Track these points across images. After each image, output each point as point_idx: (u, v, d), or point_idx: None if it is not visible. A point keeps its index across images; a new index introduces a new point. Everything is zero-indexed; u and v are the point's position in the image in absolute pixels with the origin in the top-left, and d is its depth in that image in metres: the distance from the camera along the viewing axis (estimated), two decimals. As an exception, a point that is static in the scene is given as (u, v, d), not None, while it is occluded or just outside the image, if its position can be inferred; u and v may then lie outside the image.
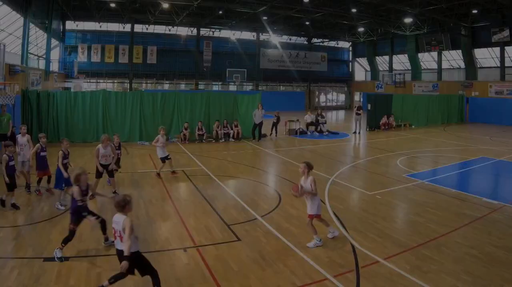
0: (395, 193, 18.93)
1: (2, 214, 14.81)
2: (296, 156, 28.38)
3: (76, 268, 10.81)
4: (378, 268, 11.05)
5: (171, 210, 16.11)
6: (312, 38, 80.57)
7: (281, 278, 10.50)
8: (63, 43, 63.94)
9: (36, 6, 42.68)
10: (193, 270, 10.88)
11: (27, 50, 41.25)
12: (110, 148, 17.65)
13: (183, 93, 35.31)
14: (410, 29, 60.59)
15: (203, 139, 33.81)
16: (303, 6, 51.50)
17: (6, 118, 22.58)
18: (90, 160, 24.32)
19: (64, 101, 31.42)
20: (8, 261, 11.05)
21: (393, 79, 70.48)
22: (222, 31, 73.54)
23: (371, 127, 43.85)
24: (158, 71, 69.27)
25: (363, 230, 13.81)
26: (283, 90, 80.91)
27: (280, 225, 14.20)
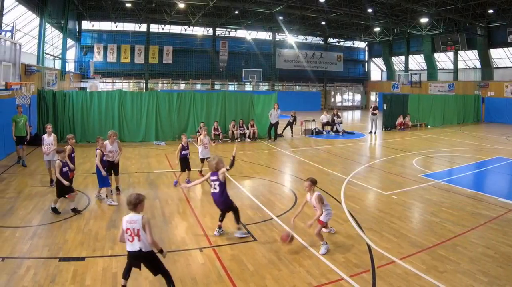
0: (410, 193, 18.90)
1: (18, 215, 14.90)
2: (312, 156, 28.40)
3: (92, 268, 10.86)
4: (394, 268, 11.03)
5: (187, 210, 16.16)
6: (328, 38, 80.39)
7: (296, 278, 10.51)
8: (79, 43, 64.27)
9: (52, 6, 42.76)
10: (209, 270, 10.90)
11: (43, 50, 41.33)
12: (117, 144, 17.89)
13: (199, 93, 35.28)
14: (426, 29, 60.37)
15: (219, 139, 33.81)
16: (319, 6, 51.59)
17: (23, 120, 22.36)
18: (106, 160, 24.61)
19: (80, 101, 31.54)
20: (24, 261, 11.09)
21: (409, 79, 70.24)
22: (238, 31, 73.66)
23: (387, 127, 43.77)
24: (174, 71, 69.24)
25: (378, 230, 13.81)
26: (299, 90, 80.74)
27: (296, 225, 14.09)
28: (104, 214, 15.27)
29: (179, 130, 33.35)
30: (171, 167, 23.72)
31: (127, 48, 64.68)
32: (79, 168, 18.44)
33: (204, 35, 72.00)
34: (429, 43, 66.65)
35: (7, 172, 21.60)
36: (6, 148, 24.62)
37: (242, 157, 27.28)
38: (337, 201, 17.28)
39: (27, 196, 17.24)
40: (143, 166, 23.47)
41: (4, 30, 25.20)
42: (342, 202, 17.13)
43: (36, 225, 13.96)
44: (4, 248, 11.86)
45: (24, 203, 16.36)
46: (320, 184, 19.94)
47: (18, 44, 21.02)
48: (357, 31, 72.08)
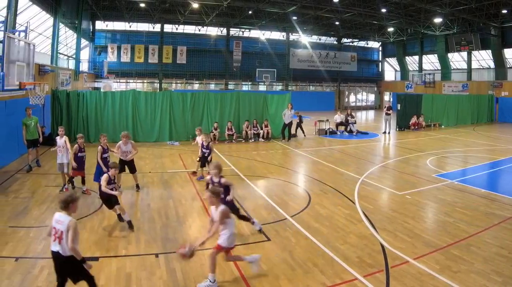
0: (424, 193, 18.89)
1: (32, 215, 15.02)
2: (326, 156, 28.41)
3: (105, 268, 10.92)
4: (408, 268, 11.05)
5: (201, 209, 16.21)
6: (341, 38, 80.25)
7: (310, 278, 10.54)
8: (93, 43, 64.51)
9: (65, 6, 42.89)
10: (223, 270, 10.94)
11: (56, 50, 41.46)
12: (131, 145, 18.25)
13: (213, 93, 35.33)
14: (439, 29, 60.22)
15: (233, 139, 33.88)
16: (333, 6, 51.57)
17: (33, 122, 22.02)
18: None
19: (94, 101, 31.68)
20: (38, 261, 11.16)
21: (423, 79, 70.08)
22: (251, 31, 73.73)
23: (401, 128, 43.68)
24: (188, 71, 69.38)
25: (392, 230, 13.82)
26: (313, 90, 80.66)
27: (310, 225, 14.22)
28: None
29: (193, 130, 33.32)
30: (185, 167, 23.76)
31: (141, 48, 64.82)
32: (92, 167, 18.45)
33: (218, 35, 72.11)
34: (443, 43, 66.46)
35: (21, 172, 21.69)
36: (20, 148, 24.70)
37: (256, 157, 27.36)
38: (351, 201, 17.31)
39: (41, 196, 17.34)
40: (157, 166, 23.53)
41: (18, 30, 25.28)
42: (356, 202, 17.14)
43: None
44: (18, 248, 11.95)
45: (38, 203, 16.47)
46: (334, 184, 20.09)
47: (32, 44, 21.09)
48: (371, 31, 71.98)
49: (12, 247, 12.01)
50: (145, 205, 16.39)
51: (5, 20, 18.21)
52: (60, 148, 18.02)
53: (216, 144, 31.84)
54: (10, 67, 17.41)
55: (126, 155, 17.98)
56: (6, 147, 22.95)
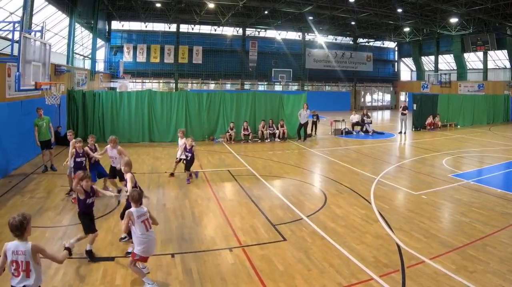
0: (440, 193, 18.85)
1: (47, 215, 15.09)
2: (342, 155, 28.40)
3: (121, 268, 10.97)
4: (424, 268, 11.03)
5: (216, 210, 16.18)
6: (357, 38, 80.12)
7: (326, 278, 10.53)
8: (108, 43, 64.83)
9: (81, 6, 43.06)
10: (239, 270, 10.96)
11: (72, 50, 41.70)
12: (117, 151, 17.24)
13: (229, 93, 35.36)
14: (455, 29, 60.01)
15: (249, 139, 33.92)
16: (349, 6, 51.49)
17: (45, 123, 21.94)
18: (136, 160, 24.75)
19: (110, 101, 31.79)
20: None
21: (439, 79, 69.89)
22: (267, 31, 73.67)
23: (417, 128, 43.60)
24: (204, 71, 69.60)
25: (408, 230, 13.80)
26: (329, 90, 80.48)
27: (326, 225, 14.23)
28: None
29: (209, 131, 33.59)
30: (200, 167, 23.74)
31: (156, 48, 65.01)
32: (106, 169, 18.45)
33: (233, 35, 72.21)
34: (459, 43, 66.25)
35: (37, 172, 21.84)
36: (36, 148, 24.67)
37: (272, 157, 27.37)
38: (367, 201, 17.32)
39: (56, 196, 17.45)
40: (172, 166, 23.61)
41: (34, 30, 25.40)
42: (372, 202, 17.15)
43: (66, 225, 14.12)
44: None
45: (53, 203, 16.57)
46: (350, 184, 20.11)
47: (48, 44, 21.15)
48: (386, 31, 71.81)
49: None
50: (160, 205, 16.45)
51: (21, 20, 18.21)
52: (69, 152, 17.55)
53: (232, 144, 31.93)
54: (26, 67, 17.46)
55: (113, 161, 17.46)
56: (22, 146, 23.02)
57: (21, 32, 16.76)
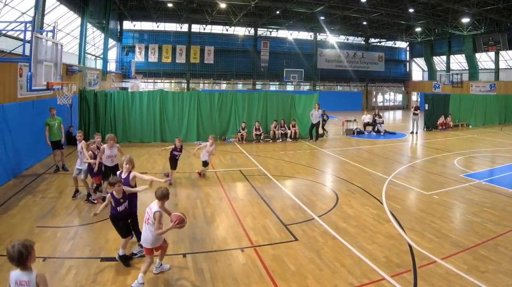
0: (452, 193, 18.85)
1: (59, 215, 15.19)
2: (354, 155, 28.40)
3: (133, 268, 11.07)
4: (436, 268, 11.06)
5: (228, 210, 16.23)
6: (369, 38, 79.97)
7: (338, 278, 10.58)
8: (120, 43, 64.95)
9: (93, 6, 43.15)
10: (250, 270, 11.02)
11: (84, 50, 41.78)
12: (116, 149, 17.00)
13: (240, 93, 35.40)
14: (467, 29, 59.81)
15: (260, 139, 33.96)
16: (360, 6, 51.44)
17: (57, 123, 22.07)
18: (147, 160, 25.12)
19: (121, 101, 31.88)
20: (65, 261, 11.31)
21: (451, 79, 69.73)
22: (279, 31, 73.63)
23: (428, 127, 43.53)
24: (216, 71, 69.74)
25: (420, 230, 13.83)
26: (340, 90, 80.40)
27: (338, 225, 14.27)
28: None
29: (221, 131, 33.64)
30: (212, 167, 23.81)
31: (168, 48, 65.22)
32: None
33: (245, 35, 72.24)
34: (471, 43, 66.02)
35: (48, 172, 21.93)
36: (48, 148, 24.79)
37: (284, 157, 27.40)
38: (378, 201, 17.35)
39: (68, 196, 17.49)
40: (184, 166, 23.61)
41: (45, 30, 25.43)
42: (383, 202, 17.18)
43: (77, 225, 14.22)
44: (46, 248, 12.09)
45: (65, 203, 16.65)
46: (362, 183, 20.13)
47: (60, 44, 21.19)
48: (398, 31, 71.63)
49: (40, 247, 12.02)
50: (172, 205, 16.40)
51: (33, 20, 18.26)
52: (79, 154, 17.38)
53: (243, 144, 31.99)
54: (38, 67, 17.49)
55: (111, 160, 17.05)
56: (34, 146, 23.12)
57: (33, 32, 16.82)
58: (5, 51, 19.71)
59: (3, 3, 24.14)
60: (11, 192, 18.06)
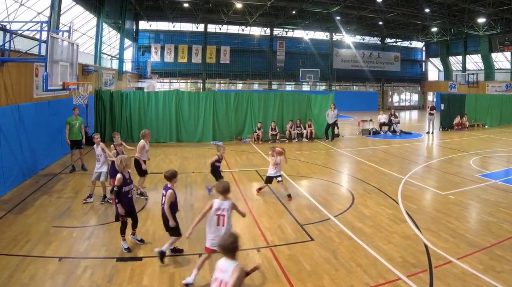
0: (468, 193, 18.84)
1: (75, 215, 15.27)
2: (369, 155, 28.43)
3: (149, 268, 11.15)
4: (451, 268, 11.08)
5: (244, 209, 16.08)
6: (385, 38, 79.76)
7: (353, 278, 10.62)
8: (136, 43, 65.29)
9: (109, 6, 43.48)
10: (266, 270, 11.06)
11: (100, 50, 42.11)
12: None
13: (256, 93, 35.44)
14: (483, 29, 59.53)
15: (276, 139, 33.95)
16: (376, 6, 51.40)
17: (78, 123, 22.25)
18: (163, 160, 25.19)
19: (137, 101, 32.05)
20: (81, 261, 11.43)
21: (466, 79, 69.48)
22: (295, 31, 73.57)
23: (444, 128, 43.46)
24: (231, 71, 69.83)
25: (436, 230, 13.84)
26: (356, 90, 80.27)
27: (353, 225, 14.30)
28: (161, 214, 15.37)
29: (236, 131, 33.69)
30: (228, 167, 23.90)
31: (184, 48, 65.31)
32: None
33: (261, 35, 72.26)
34: (486, 43, 65.70)
35: (64, 172, 22.02)
36: (64, 147, 24.94)
37: (300, 157, 27.45)
38: (394, 201, 17.39)
39: (84, 196, 17.45)
40: (200, 166, 23.67)
41: (61, 30, 25.63)
42: (399, 202, 17.21)
43: (93, 225, 14.31)
44: (62, 248, 12.18)
45: (81, 203, 16.73)
46: (378, 184, 20.14)
47: (76, 44, 21.29)
48: (414, 31, 71.41)
49: (56, 247, 12.25)
50: (188, 205, 16.56)
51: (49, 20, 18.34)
52: (97, 157, 17.19)
53: (259, 144, 32.06)
54: (54, 67, 17.56)
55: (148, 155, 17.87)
56: (50, 146, 23.34)
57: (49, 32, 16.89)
58: (21, 51, 19.85)
59: (19, 3, 24.29)
60: (27, 191, 18.22)
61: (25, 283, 10.09)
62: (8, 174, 18.09)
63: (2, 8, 22.23)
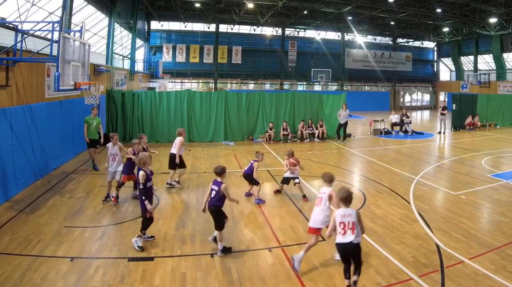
0: (479, 193, 18.83)
1: (87, 215, 15.33)
2: (381, 155, 28.44)
3: (161, 268, 11.20)
4: (463, 268, 11.09)
5: (256, 210, 16.35)
6: (397, 38, 79.61)
7: (365, 278, 10.62)
8: (148, 43, 65.44)
9: (120, 6, 43.51)
10: (278, 270, 11.12)
11: (112, 50, 42.16)
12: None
13: (268, 93, 35.43)
14: (494, 29, 59.37)
15: (288, 139, 33.98)
16: (388, 6, 51.38)
17: (95, 122, 22.52)
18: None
19: (149, 101, 32.16)
20: (93, 261, 11.51)
21: (478, 79, 69.29)
22: (307, 31, 73.62)
23: (456, 127, 43.41)
24: (243, 71, 69.87)
25: (447, 230, 13.85)
26: (368, 90, 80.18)
27: (365, 224, 14.11)
28: (173, 214, 15.60)
29: (248, 131, 33.74)
30: (240, 167, 23.90)
31: (196, 48, 65.46)
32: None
33: (273, 35, 72.37)
34: (498, 43, 65.51)
35: (76, 172, 22.09)
36: (76, 147, 25.11)
37: (311, 157, 27.46)
38: (406, 201, 17.41)
39: (96, 196, 17.67)
40: (212, 166, 23.70)
41: (73, 30, 25.65)
42: (411, 202, 17.23)
43: (105, 225, 14.35)
44: (73, 248, 12.24)
45: (93, 203, 16.82)
46: (390, 184, 20.16)
47: (87, 44, 21.32)
48: (426, 31, 71.27)
49: (67, 247, 12.32)
50: (200, 205, 16.41)
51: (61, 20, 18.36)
52: (114, 156, 17.31)
53: (271, 144, 32.10)
54: (66, 67, 17.59)
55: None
56: (62, 146, 23.45)
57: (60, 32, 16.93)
58: (33, 51, 19.91)
59: (31, 3, 24.39)
60: (39, 192, 18.31)
61: (37, 283, 10.16)
62: (20, 173, 18.21)
63: (14, 8, 22.32)
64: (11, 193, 17.37)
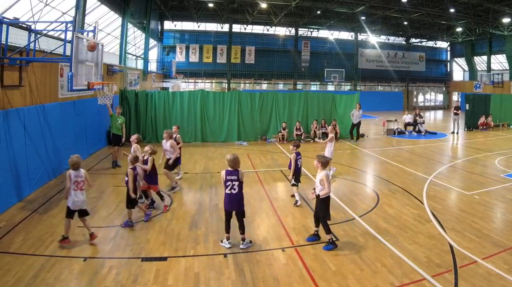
0: (493, 193, 18.81)
1: (100, 215, 15.42)
2: (394, 155, 28.39)
3: (174, 268, 11.24)
4: (476, 268, 11.10)
5: (269, 209, 16.38)
6: (410, 38, 79.32)
7: (379, 278, 10.68)
8: (161, 43, 65.46)
9: (134, 6, 43.53)
10: (291, 270, 11.14)
11: (125, 50, 42.18)
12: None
13: (281, 93, 35.38)
14: (508, 29, 59.18)
15: (301, 139, 33.85)
16: (401, 6, 51.26)
17: (120, 121, 23.17)
18: (188, 160, 25.38)
19: (162, 101, 32.22)
20: (106, 261, 11.61)
21: (491, 79, 69.04)
22: (320, 31, 73.39)
23: (469, 127, 43.31)
24: (256, 71, 69.77)
25: (461, 230, 13.85)
26: (381, 90, 79.95)
27: (378, 225, 14.36)
28: (186, 214, 15.62)
29: (261, 131, 33.76)
30: (253, 167, 24.03)
31: (209, 48, 65.43)
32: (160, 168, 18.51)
33: (286, 35, 72.25)
34: (511, 43, 65.34)
35: (89, 172, 21.86)
36: (89, 147, 25.24)
37: (324, 157, 27.35)
38: (419, 201, 17.41)
39: (109, 196, 17.84)
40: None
41: (86, 30, 25.75)
42: (424, 202, 17.22)
43: (118, 225, 14.38)
44: (87, 249, 12.35)
45: (106, 203, 16.94)
46: (403, 183, 20.18)
47: (101, 44, 21.36)
48: (439, 31, 71.01)
49: (81, 247, 12.42)
50: (213, 205, 16.68)
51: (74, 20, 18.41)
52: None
53: (284, 144, 32.09)
54: (79, 67, 17.63)
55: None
56: (75, 146, 23.48)
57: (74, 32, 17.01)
58: (46, 51, 20.01)
59: (44, 3, 24.50)
60: (52, 192, 18.43)
61: (50, 283, 10.24)
62: (33, 173, 18.34)
63: (27, 8, 22.44)
64: (24, 192, 17.49)
